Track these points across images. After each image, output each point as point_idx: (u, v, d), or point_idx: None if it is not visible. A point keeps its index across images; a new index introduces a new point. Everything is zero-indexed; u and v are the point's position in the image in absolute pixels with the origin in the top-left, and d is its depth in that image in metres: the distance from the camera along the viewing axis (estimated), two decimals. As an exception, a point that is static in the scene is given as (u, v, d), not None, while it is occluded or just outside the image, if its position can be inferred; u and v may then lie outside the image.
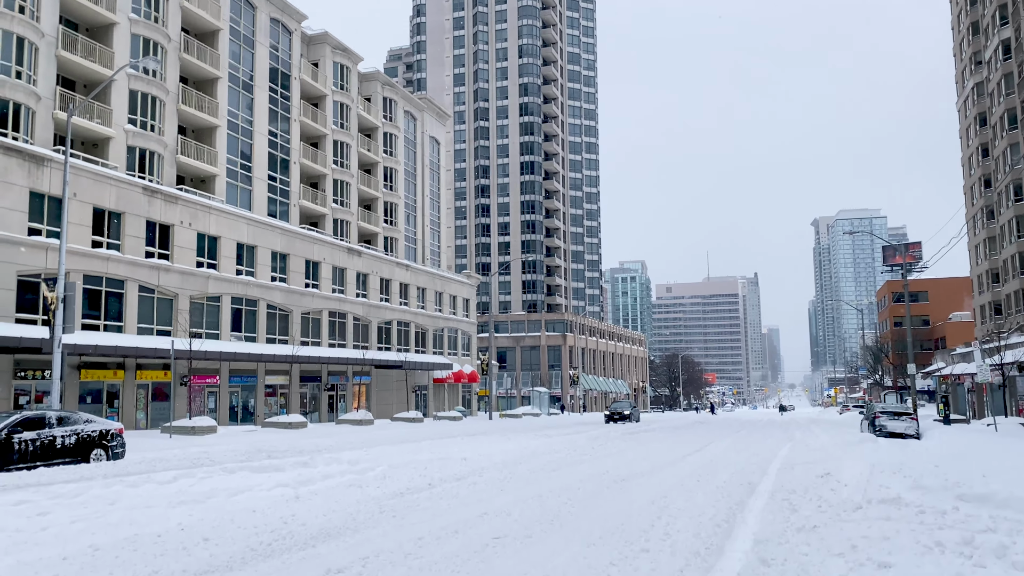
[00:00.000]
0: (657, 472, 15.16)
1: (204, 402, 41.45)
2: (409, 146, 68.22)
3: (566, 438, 25.87)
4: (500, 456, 17.60)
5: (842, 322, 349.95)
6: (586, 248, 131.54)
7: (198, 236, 40.87)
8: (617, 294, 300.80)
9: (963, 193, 78.14)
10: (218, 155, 44.96)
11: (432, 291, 65.84)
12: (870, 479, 12.64)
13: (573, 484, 13.06)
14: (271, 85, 50.08)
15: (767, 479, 13.91)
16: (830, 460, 17.64)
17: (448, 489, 12.00)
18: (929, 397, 77.59)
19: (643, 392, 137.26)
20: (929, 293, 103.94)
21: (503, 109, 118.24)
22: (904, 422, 30.91)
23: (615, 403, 53.01)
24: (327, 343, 51.09)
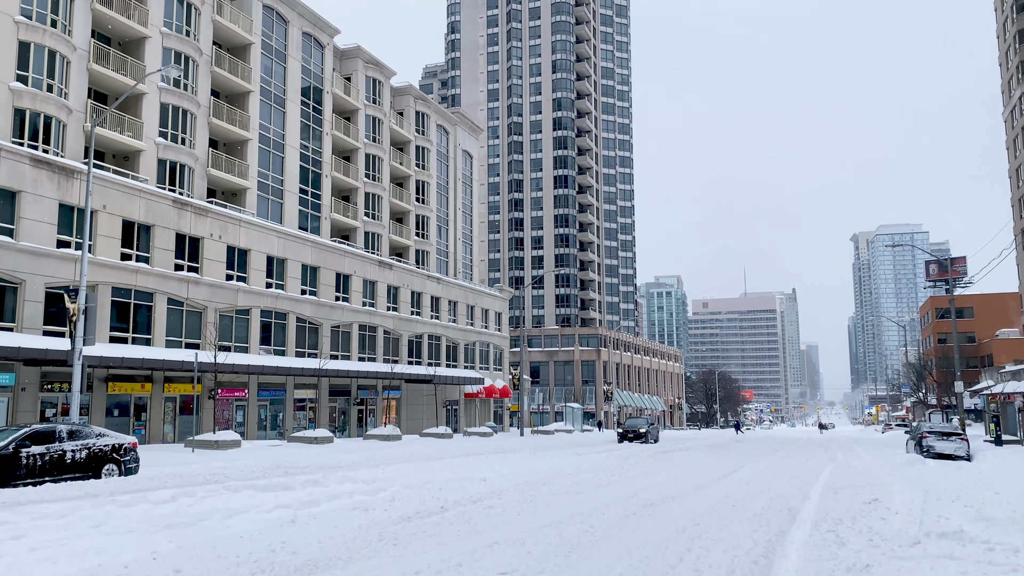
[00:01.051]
0: (689, 496, 14.15)
1: (232, 416, 41.14)
2: (441, 160, 67.93)
3: (596, 456, 24.89)
4: (523, 476, 16.72)
5: (883, 339, 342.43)
6: (620, 262, 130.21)
7: (228, 249, 40.71)
8: (652, 309, 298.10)
9: (1011, 206, 75.58)
10: (249, 168, 44.93)
11: (464, 304, 65.23)
12: (925, 507, 11.53)
13: (597, 509, 12.14)
14: (303, 99, 50.08)
15: (809, 505, 12.84)
16: (877, 484, 16.45)
17: (461, 513, 11.17)
18: (975, 416, 74.82)
19: (679, 408, 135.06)
20: (975, 309, 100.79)
21: (536, 123, 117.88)
22: (953, 443, 29.36)
23: (629, 420, 48.92)
24: (357, 357, 50.65)
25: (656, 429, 47.96)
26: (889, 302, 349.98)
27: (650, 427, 46.07)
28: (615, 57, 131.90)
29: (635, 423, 46.75)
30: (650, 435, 45.45)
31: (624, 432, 45.14)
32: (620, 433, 45.43)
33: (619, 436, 45.24)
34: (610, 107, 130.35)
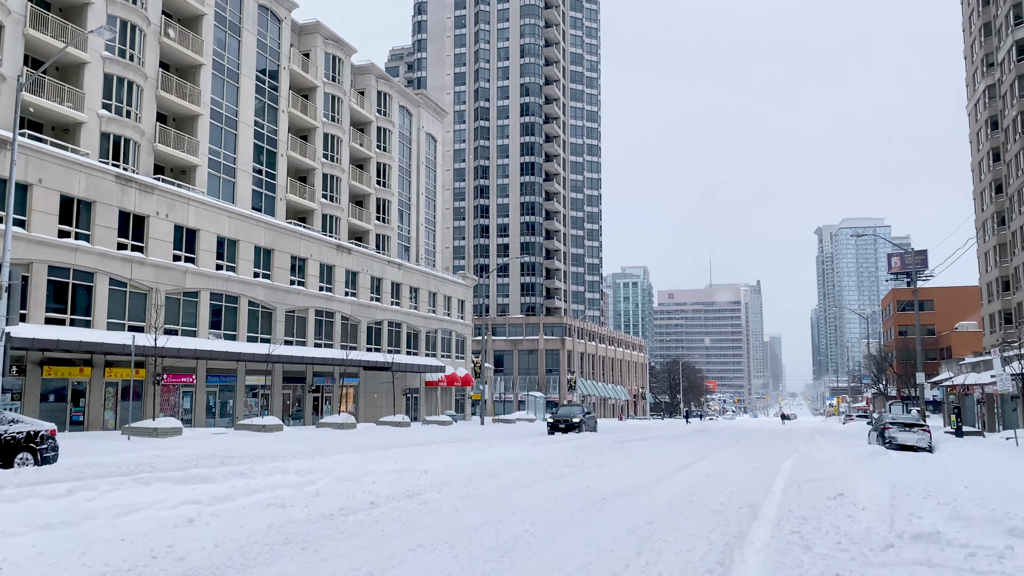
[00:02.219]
0: (645, 490, 13.23)
1: (179, 402, 39.56)
2: (404, 142, 66.42)
3: (552, 447, 23.96)
4: (471, 468, 15.68)
5: (844, 331, 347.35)
6: (587, 251, 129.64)
7: (175, 228, 39.01)
8: (619, 300, 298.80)
9: (972, 199, 76.20)
10: (200, 145, 43.16)
11: (426, 291, 63.95)
12: (894, 503, 10.70)
13: (544, 504, 11.14)
14: (258, 74, 48.30)
15: (771, 500, 11.98)
16: (841, 477, 15.70)
17: (391, 510, 10.09)
18: (933, 407, 75.54)
19: (642, 398, 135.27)
20: (935, 302, 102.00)
21: (504, 109, 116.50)
22: (916, 434, 28.97)
23: (562, 408, 42.90)
24: (312, 343, 49.19)
25: (593, 418, 43.30)
26: (851, 295, 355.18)
27: (585, 416, 41.23)
28: (584, 43, 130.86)
29: (568, 412, 41.42)
30: (585, 425, 40.51)
31: (554, 422, 39.40)
32: (550, 423, 39.53)
33: (549, 427, 39.43)
34: (578, 94, 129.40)
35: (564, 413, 41.10)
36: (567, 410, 41.77)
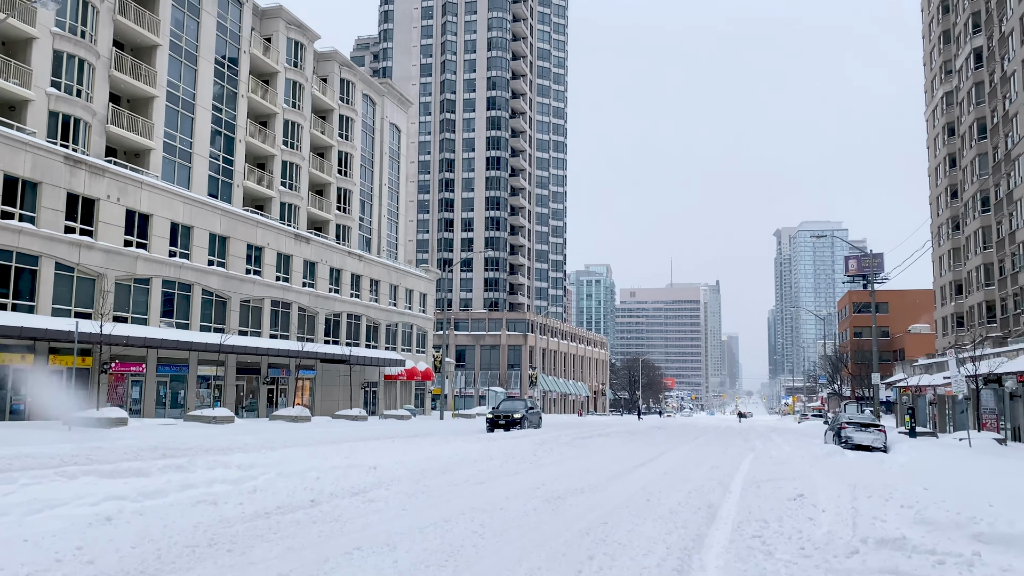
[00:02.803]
0: (601, 488, 12.84)
1: (128, 392, 38.35)
2: (367, 131, 65.40)
3: (509, 443, 23.52)
4: (424, 464, 15.15)
5: (801, 332, 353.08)
6: (551, 248, 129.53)
7: (127, 213, 37.76)
8: (582, 297, 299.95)
9: (929, 204, 77.50)
10: (154, 128, 41.85)
11: (387, 284, 63.08)
12: (855, 505, 10.43)
13: (497, 502, 10.67)
14: (217, 57, 47.01)
15: (730, 500, 11.66)
16: (800, 477, 15.49)
17: (332, 508, 9.53)
18: (886, 408, 76.73)
19: (602, 395, 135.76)
20: (889, 305, 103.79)
21: (470, 102, 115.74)
22: (872, 434, 29.07)
23: (503, 402, 39.49)
24: (268, 334, 48.13)
25: (537, 414, 39.96)
26: (808, 296, 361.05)
27: (528, 412, 37.84)
28: (552, 39, 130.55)
29: (510, 407, 38.15)
30: (527, 421, 37.18)
31: (494, 418, 35.85)
32: (489, 420, 35.93)
33: (488, 423, 35.80)
34: (545, 90, 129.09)
35: (506, 408, 37.73)
36: (509, 405, 38.56)
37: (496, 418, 35.89)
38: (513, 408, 37.51)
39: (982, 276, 60.70)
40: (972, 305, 63.30)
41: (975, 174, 61.61)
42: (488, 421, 35.96)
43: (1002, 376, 37.79)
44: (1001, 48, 55.58)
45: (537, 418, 39.70)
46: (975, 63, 61.46)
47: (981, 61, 60.86)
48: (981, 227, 60.45)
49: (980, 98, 61.01)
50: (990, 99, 58.98)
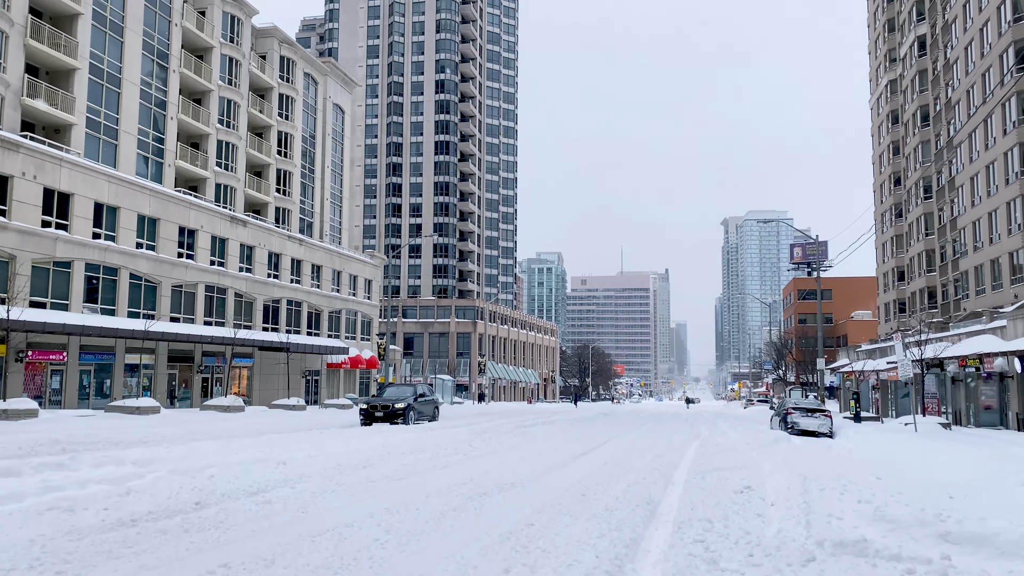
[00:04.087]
0: (535, 481, 11.79)
1: (47, 382, 36.12)
2: (309, 111, 63.25)
3: (447, 431, 22.40)
4: (344, 457, 13.92)
5: (747, 319, 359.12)
6: (501, 235, 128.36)
7: (45, 192, 35.41)
8: (533, 285, 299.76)
9: (873, 191, 78.41)
10: (76, 102, 39.41)
11: (329, 269, 61.21)
12: (808, 499, 9.56)
13: (414, 501, 9.54)
14: (146, 29, 44.55)
15: (672, 494, 10.71)
16: (747, 466, 14.69)
17: (216, 514, 8.28)
18: (829, 393, 77.71)
19: (552, 382, 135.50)
20: (833, 292, 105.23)
21: (418, 85, 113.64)
22: (818, 419, 28.75)
23: (387, 389, 32.18)
24: (202, 320, 46.08)
25: (432, 403, 32.82)
26: (754, 284, 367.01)
27: (418, 400, 30.73)
28: (502, 23, 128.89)
29: (397, 393, 30.83)
30: (415, 411, 29.79)
31: (369, 409, 28.89)
32: (364, 410, 29.05)
33: (362, 415, 28.95)
34: (495, 74, 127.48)
35: (391, 395, 30.59)
36: (395, 391, 31.30)
37: (371, 409, 28.81)
38: (398, 395, 30.29)
39: (924, 262, 61.50)
40: (914, 291, 64.16)
41: (918, 161, 62.29)
42: (362, 412, 28.91)
43: (944, 361, 38.02)
44: (944, 36, 56.05)
45: (431, 408, 32.61)
46: (919, 51, 62.02)
47: (925, 49, 61.43)
48: (924, 214, 61.17)
49: (923, 86, 61.61)
50: (933, 87, 59.57)
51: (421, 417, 30.87)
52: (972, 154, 49.89)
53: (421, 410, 30.93)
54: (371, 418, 28.45)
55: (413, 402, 29.84)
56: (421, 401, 31.04)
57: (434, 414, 32.83)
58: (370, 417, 28.50)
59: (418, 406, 30.52)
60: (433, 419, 32.33)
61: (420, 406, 30.87)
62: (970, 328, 38.24)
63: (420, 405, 30.89)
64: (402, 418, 28.45)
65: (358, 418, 30.16)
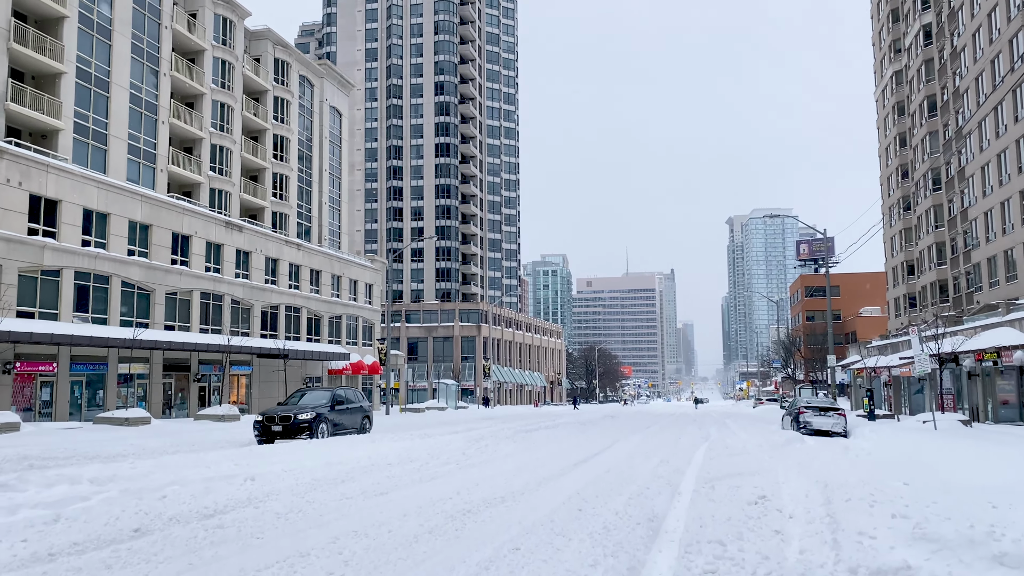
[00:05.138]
0: (528, 494, 10.72)
1: (36, 393, 35.19)
2: (305, 115, 62.37)
3: (443, 439, 21.33)
4: (321, 471, 12.87)
5: (754, 318, 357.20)
6: (504, 237, 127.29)
7: (31, 198, 34.53)
8: (538, 287, 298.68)
9: (879, 185, 77.12)
10: (63, 107, 38.55)
11: (329, 274, 60.24)
12: (832, 512, 8.47)
13: (388, 522, 8.49)
14: (135, 32, 43.70)
15: (678, 508, 9.63)
16: (760, 471, 13.60)
17: (153, 543, 7.24)
18: (840, 390, 76.45)
19: (559, 384, 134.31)
20: (840, 288, 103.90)
21: (418, 87, 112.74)
22: (831, 418, 27.59)
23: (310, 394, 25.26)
24: (198, 328, 45.13)
25: (360, 410, 26.41)
26: (760, 283, 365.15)
27: (336, 408, 24.49)
28: (501, 23, 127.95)
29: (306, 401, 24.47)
30: (328, 424, 23.51)
31: (265, 421, 22.39)
32: (259, 424, 22.47)
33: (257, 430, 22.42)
34: (495, 75, 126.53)
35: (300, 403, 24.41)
36: (308, 398, 24.76)
37: (269, 420, 22.32)
38: (307, 404, 24.11)
39: (934, 255, 60.22)
40: (925, 285, 62.88)
41: (926, 152, 61.04)
42: (257, 427, 22.49)
43: (959, 355, 36.80)
44: (951, 23, 54.84)
45: (357, 417, 26.12)
46: (924, 40, 60.80)
47: (931, 38, 60.22)
48: (933, 206, 59.90)
49: (930, 75, 60.40)
50: (940, 76, 58.35)
51: (340, 429, 24.43)
52: (982, 143, 48.66)
53: (339, 421, 24.53)
54: (268, 433, 22.15)
55: (328, 411, 23.80)
56: (340, 410, 24.79)
57: (362, 425, 26.45)
58: (267, 432, 22.17)
59: (334, 416, 24.20)
60: (361, 431, 26.00)
61: (337, 416, 24.50)
62: (986, 321, 37.03)
63: (337, 415, 24.52)
64: (308, 432, 22.25)
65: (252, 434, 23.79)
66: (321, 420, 23.08)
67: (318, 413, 23.09)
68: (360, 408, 26.58)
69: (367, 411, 27.01)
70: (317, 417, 22.88)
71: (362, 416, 26.51)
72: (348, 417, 25.32)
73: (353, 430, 25.43)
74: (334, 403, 24.52)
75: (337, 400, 24.91)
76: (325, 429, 23.24)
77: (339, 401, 25.04)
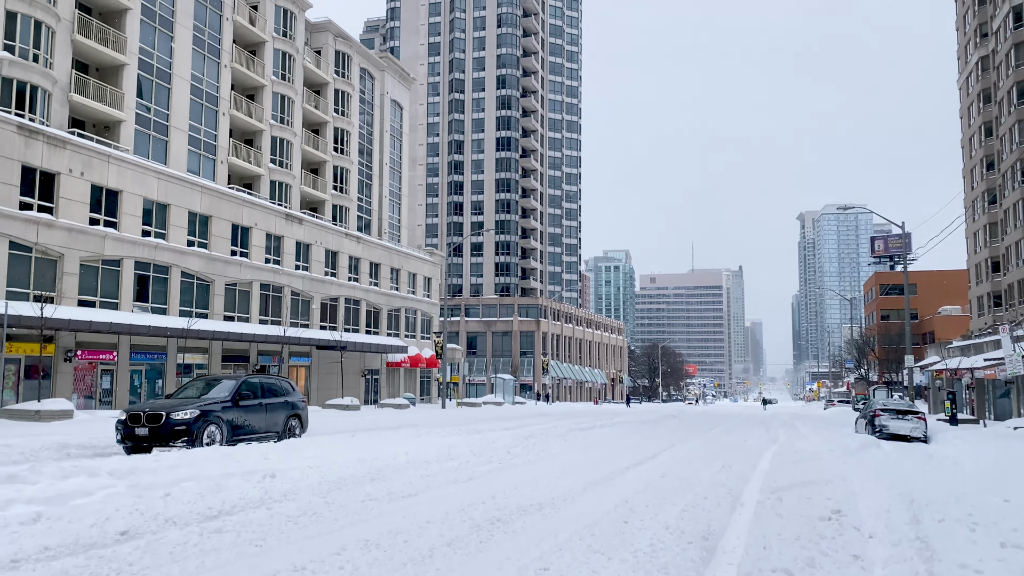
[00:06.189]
0: (569, 502, 9.65)
1: (97, 382, 35.65)
2: (366, 108, 62.28)
3: (491, 435, 20.40)
4: (352, 468, 12.05)
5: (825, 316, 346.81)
6: (565, 231, 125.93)
7: (93, 188, 34.92)
8: (600, 283, 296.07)
9: (962, 177, 73.18)
10: (125, 98, 38.96)
11: (388, 267, 60.07)
12: (922, 535, 7.17)
13: (408, 530, 7.54)
14: (196, 23, 44.01)
15: (739, 521, 8.43)
16: (833, 480, 12.23)
17: (133, 550, 6.44)
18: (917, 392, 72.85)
19: (620, 382, 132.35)
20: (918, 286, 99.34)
21: (479, 81, 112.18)
22: (910, 422, 25.72)
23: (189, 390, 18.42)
24: (257, 319, 45.31)
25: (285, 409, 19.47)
26: (832, 280, 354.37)
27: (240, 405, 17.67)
28: (565, 15, 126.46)
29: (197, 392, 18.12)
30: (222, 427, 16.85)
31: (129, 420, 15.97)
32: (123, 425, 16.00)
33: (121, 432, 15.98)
34: (558, 68, 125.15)
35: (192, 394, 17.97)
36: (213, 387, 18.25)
37: (133, 420, 15.88)
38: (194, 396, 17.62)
39: (1022, 251, 56.64)
40: (1012, 282, 59.25)
41: (1014, 142, 57.42)
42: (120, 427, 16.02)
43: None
44: (1044, 3, 51.29)
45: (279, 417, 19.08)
46: (1015, 23, 57.14)
47: (1021, 20, 56.56)
48: (1021, 198, 56.32)
49: (1020, 60, 56.76)
50: (1031, 60, 54.75)
51: (245, 434, 17.56)
52: (1079, 130, 45.28)
53: (244, 421, 17.58)
54: (133, 439, 15.67)
55: (224, 408, 16.93)
56: (247, 407, 17.78)
57: (286, 427, 19.33)
58: (131, 437, 15.70)
59: (235, 415, 17.27)
60: (284, 435, 19.13)
61: (242, 415, 17.55)
62: (1082, 320, 34.22)
63: (241, 413, 17.53)
64: (185, 438, 15.71)
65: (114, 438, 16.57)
66: (209, 421, 16.28)
67: (204, 411, 16.20)
68: (284, 404, 19.38)
69: (297, 408, 20.01)
70: (202, 417, 16.07)
71: (286, 415, 19.35)
72: (261, 416, 18.23)
73: (270, 434, 18.50)
74: (237, 397, 17.55)
75: (242, 393, 17.86)
76: (216, 433, 16.46)
77: (245, 394, 17.96)
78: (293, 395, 20.14)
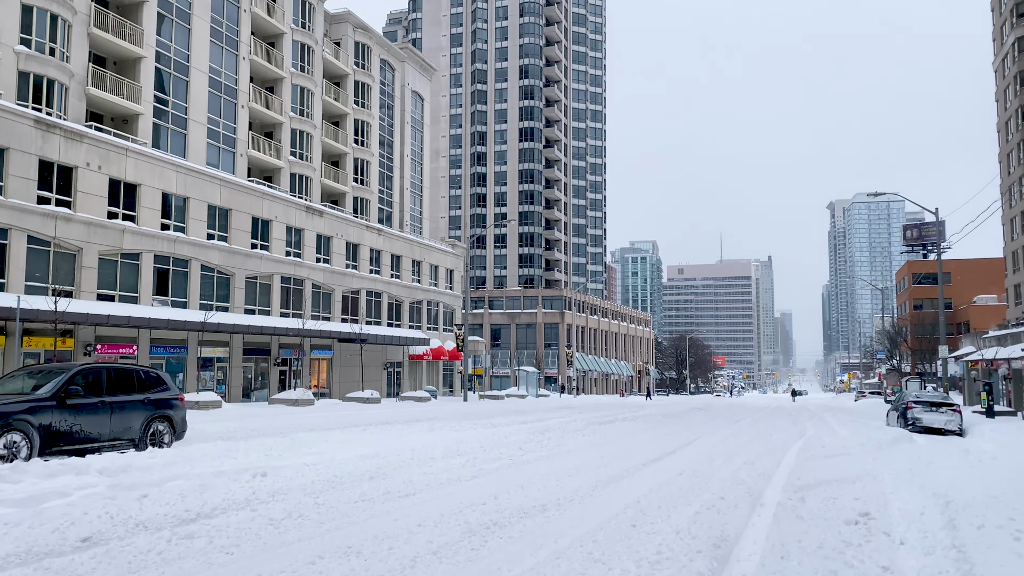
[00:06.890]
0: (575, 503, 9.04)
1: (118, 376, 35.55)
2: (387, 99, 61.86)
3: (507, 429, 19.84)
4: (352, 464, 11.54)
5: (856, 306, 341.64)
6: (589, 222, 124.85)
7: (111, 182, 34.85)
8: (627, 275, 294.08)
9: (998, 162, 71.11)
10: (142, 91, 38.83)
11: (409, 259, 59.74)
12: (958, 543, 6.46)
13: (395, 535, 6.99)
14: (213, 15, 43.79)
15: (757, 525, 7.77)
16: (862, 478, 11.49)
17: (92, 557, 5.95)
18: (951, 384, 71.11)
19: (646, 374, 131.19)
20: (952, 275, 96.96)
21: (502, 72, 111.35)
22: (944, 415, 24.75)
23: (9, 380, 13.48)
24: (279, 312, 45.15)
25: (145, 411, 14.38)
26: (863, 270, 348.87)
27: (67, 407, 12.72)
28: (588, 3, 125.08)
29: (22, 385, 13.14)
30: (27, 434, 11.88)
31: None
32: None
33: None
34: (582, 57, 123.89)
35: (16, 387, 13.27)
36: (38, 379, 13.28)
37: None
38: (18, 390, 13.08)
39: (1061, 237, 54.81)
40: (1050, 270, 57.39)
41: (1053, 124, 55.50)
42: None
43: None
44: (1084, -21, 49.37)
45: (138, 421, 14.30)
46: (1052, 0, 55.14)
47: (1059, -3, 54.56)
48: (1060, 183, 54.46)
49: (1058, 39, 54.78)
50: (1070, 39, 52.80)
51: (67, 442, 12.79)
52: (1122, 110, 43.52)
53: (73, 427, 12.90)
54: None
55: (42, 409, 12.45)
56: (78, 407, 13.10)
57: (146, 431, 14.47)
58: None
59: (58, 417, 12.67)
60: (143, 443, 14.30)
61: (72, 418, 12.91)
62: None
63: (70, 416, 12.89)
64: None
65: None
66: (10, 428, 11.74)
67: (5, 412, 11.82)
68: (142, 404, 14.50)
69: (165, 409, 14.97)
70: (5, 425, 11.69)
71: (146, 418, 14.50)
72: (102, 420, 13.50)
73: (119, 443, 13.87)
74: (63, 392, 12.85)
75: (71, 389, 13.03)
76: (21, 444, 11.83)
77: (75, 390, 13.11)
78: (160, 391, 15.00)
